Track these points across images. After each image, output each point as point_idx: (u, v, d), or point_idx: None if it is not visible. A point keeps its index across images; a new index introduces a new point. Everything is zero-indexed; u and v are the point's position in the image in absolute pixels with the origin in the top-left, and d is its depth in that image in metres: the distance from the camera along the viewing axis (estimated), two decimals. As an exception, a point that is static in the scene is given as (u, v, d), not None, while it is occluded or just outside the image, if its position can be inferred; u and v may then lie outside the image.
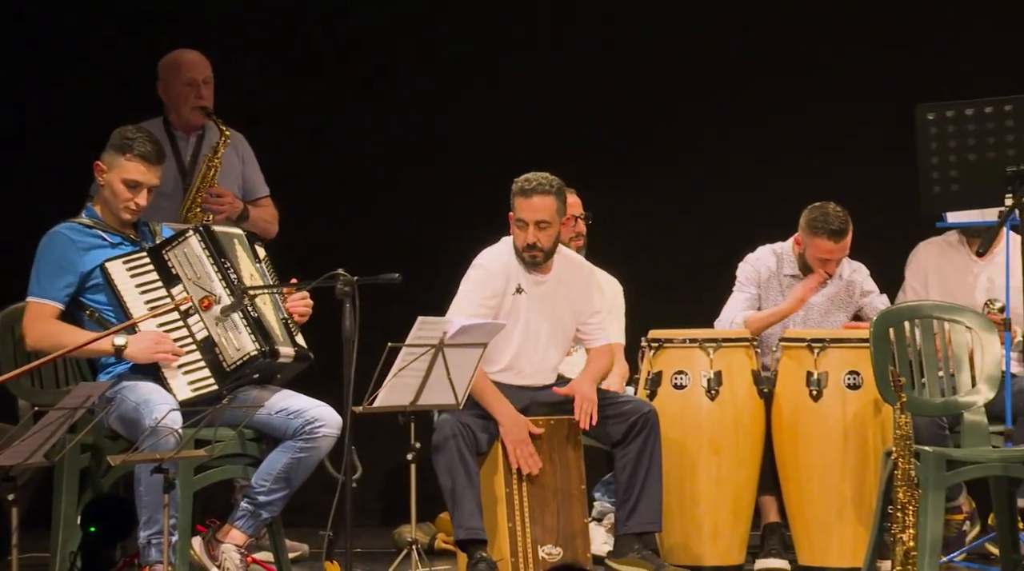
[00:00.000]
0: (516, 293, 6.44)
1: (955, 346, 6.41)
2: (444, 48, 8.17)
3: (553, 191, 6.40)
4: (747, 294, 7.07)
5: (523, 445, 6.31)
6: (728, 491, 6.66)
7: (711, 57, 8.05)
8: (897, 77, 7.70)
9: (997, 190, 5.37)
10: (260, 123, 7.34)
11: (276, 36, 8.11)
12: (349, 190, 8.14)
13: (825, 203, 6.94)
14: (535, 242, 6.39)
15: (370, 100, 8.17)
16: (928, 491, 6.03)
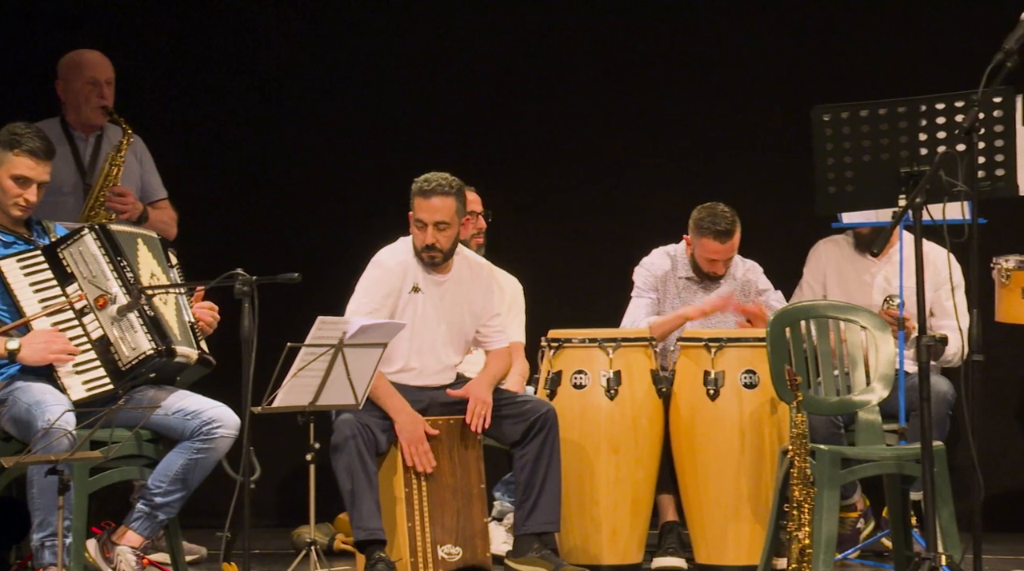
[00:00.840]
0: (412, 292, 6.43)
1: (850, 345, 6.47)
2: (341, 48, 8.14)
3: (453, 192, 6.40)
4: (647, 299, 7.12)
5: (418, 443, 6.30)
6: (627, 490, 6.69)
7: (611, 57, 8.08)
8: (794, 78, 7.76)
9: (891, 191, 5.41)
10: (155, 124, 7.29)
11: (171, 38, 8.05)
12: (248, 191, 8.10)
13: (714, 204, 6.99)
14: (434, 243, 6.39)
15: (268, 101, 8.13)
16: (823, 489, 6.08)
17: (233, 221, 7.97)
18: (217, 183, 7.98)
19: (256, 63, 8.15)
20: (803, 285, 7.21)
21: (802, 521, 6.11)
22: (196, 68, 8.06)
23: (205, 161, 7.96)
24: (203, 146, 8.03)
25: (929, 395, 5.18)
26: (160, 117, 7.62)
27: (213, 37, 8.10)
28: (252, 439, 5.70)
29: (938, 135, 5.42)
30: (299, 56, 8.15)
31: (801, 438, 6.16)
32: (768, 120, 7.74)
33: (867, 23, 7.78)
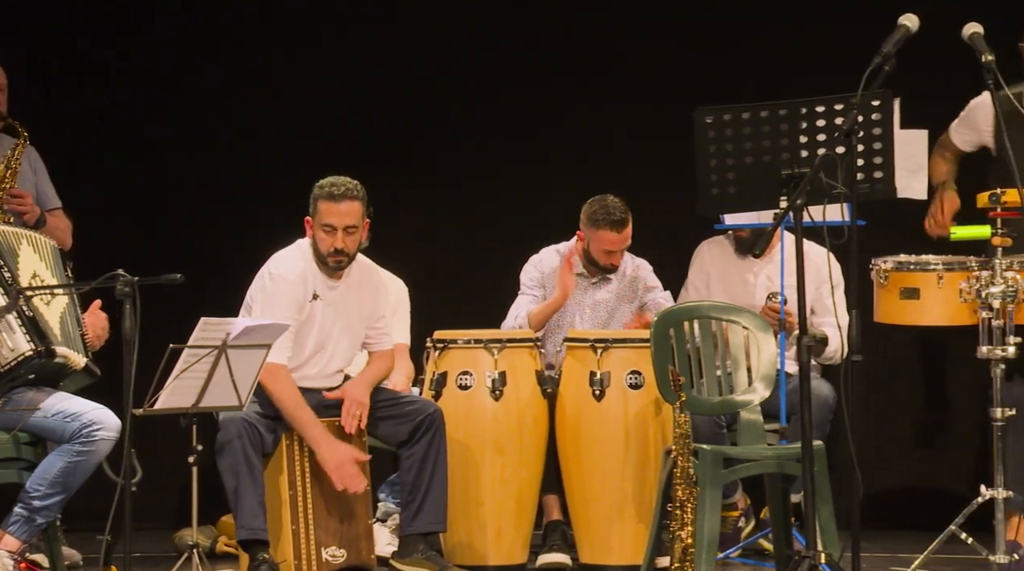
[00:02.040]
0: (313, 300, 6.41)
1: (732, 346, 6.53)
2: (225, 52, 8.09)
3: (360, 196, 6.41)
4: (531, 297, 7.15)
5: (343, 468, 6.28)
6: (512, 491, 6.70)
7: (495, 53, 8.08)
8: (678, 79, 7.81)
9: (773, 192, 5.45)
10: (38, 125, 7.20)
11: (58, 43, 7.97)
12: (132, 193, 8.03)
13: (604, 196, 7.06)
14: (342, 247, 6.37)
15: (153, 103, 8.07)
16: (706, 488, 6.13)
17: (117, 223, 7.89)
18: (101, 186, 7.90)
19: (142, 66, 8.07)
20: (688, 286, 7.27)
21: (685, 520, 6.15)
22: (83, 70, 7.98)
23: (89, 164, 7.88)
24: (88, 149, 7.95)
25: (809, 395, 5.22)
26: (43, 118, 7.52)
27: (100, 39, 8.03)
28: (133, 441, 5.65)
29: (818, 137, 5.47)
30: (184, 60, 8.09)
31: (684, 438, 6.20)
32: (652, 120, 7.78)
33: (749, 24, 7.84)
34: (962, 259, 6.22)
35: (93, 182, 7.81)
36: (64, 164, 7.00)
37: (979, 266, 6.16)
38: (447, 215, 8.08)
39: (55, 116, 7.78)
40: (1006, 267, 6.08)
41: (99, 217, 7.64)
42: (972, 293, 6.11)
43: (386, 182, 7.42)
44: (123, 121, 8.05)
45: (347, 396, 6.40)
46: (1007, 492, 6.13)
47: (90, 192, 7.62)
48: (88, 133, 8.00)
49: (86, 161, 7.87)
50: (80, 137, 7.94)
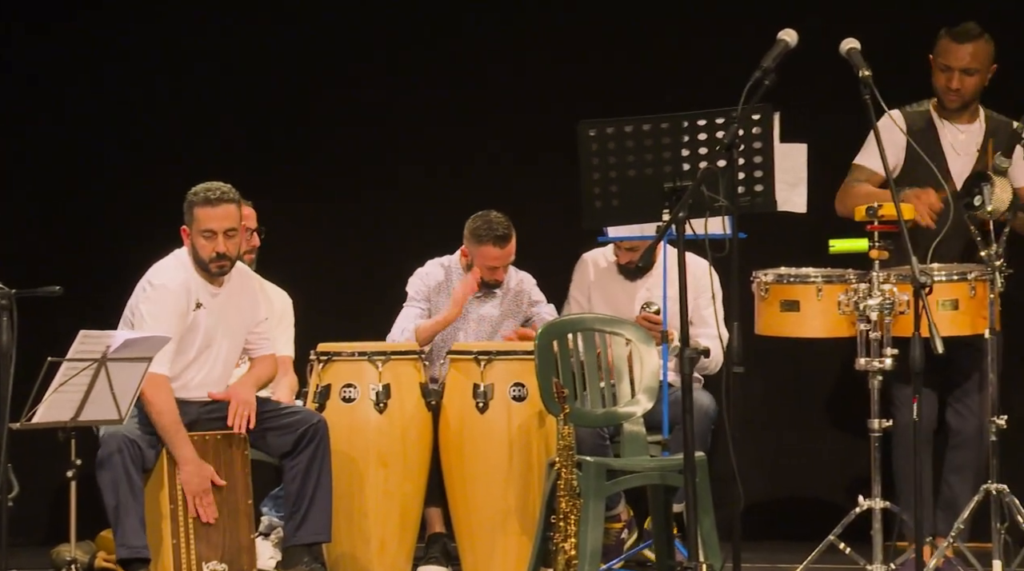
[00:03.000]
0: (196, 308, 6.36)
1: (615, 358, 6.56)
2: (107, 58, 8.01)
3: (236, 200, 6.39)
4: (417, 309, 7.15)
5: (203, 495, 6.23)
6: (395, 503, 6.69)
7: (382, 69, 8.07)
8: (561, 92, 7.83)
9: (655, 205, 5.49)
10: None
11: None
12: (8, 202, 7.92)
13: (487, 211, 7.08)
14: (224, 251, 6.33)
15: (29, 107, 7.97)
16: (589, 500, 6.15)
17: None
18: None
19: (20, 68, 7.97)
20: (570, 299, 7.30)
21: (568, 532, 6.17)
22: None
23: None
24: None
25: (692, 406, 5.26)
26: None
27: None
28: (10, 456, 5.57)
29: (700, 151, 5.51)
30: (63, 64, 7.99)
31: (568, 450, 6.22)
32: (536, 134, 7.80)
33: (632, 38, 7.89)
34: (840, 272, 6.30)
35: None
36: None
37: (857, 279, 6.24)
38: (331, 228, 8.04)
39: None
40: (883, 280, 6.16)
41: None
42: (850, 305, 6.19)
43: (270, 195, 7.38)
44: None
45: (233, 396, 6.36)
46: (884, 503, 6.21)
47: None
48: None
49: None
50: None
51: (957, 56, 6.63)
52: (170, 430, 6.22)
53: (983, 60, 6.65)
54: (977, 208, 6.28)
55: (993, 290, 6.26)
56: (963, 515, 6.33)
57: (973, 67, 6.64)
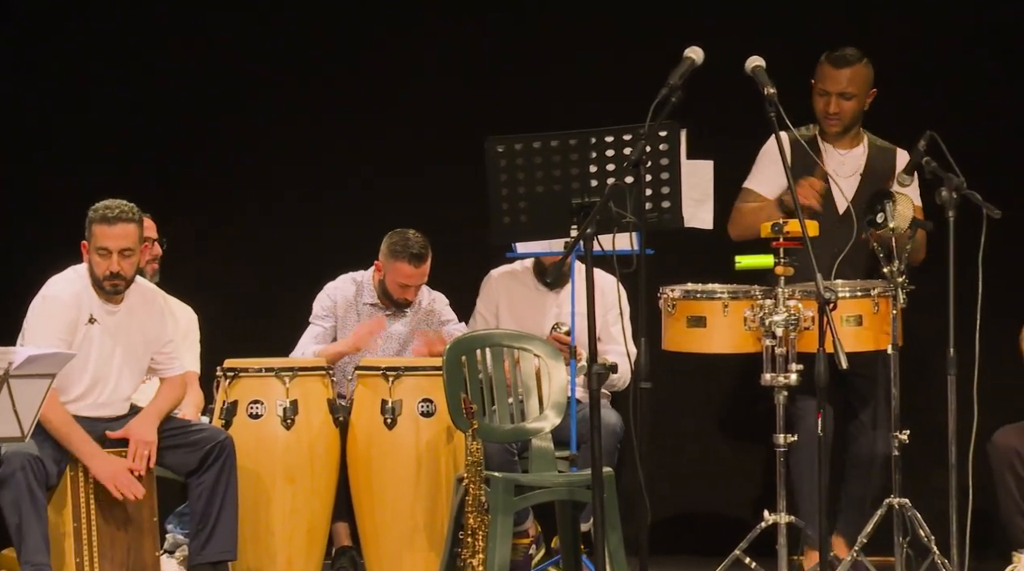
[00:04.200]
0: (89, 323, 6.30)
1: (524, 374, 6.57)
2: (3, 69, 7.94)
3: (135, 219, 6.33)
4: (321, 328, 7.13)
5: (120, 476, 6.17)
6: (303, 520, 6.65)
7: (288, 82, 8.04)
8: (471, 108, 7.85)
9: (563, 221, 5.51)
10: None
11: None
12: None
13: (405, 229, 7.08)
14: (118, 271, 6.28)
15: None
16: (497, 516, 6.16)
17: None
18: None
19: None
20: (476, 315, 7.30)
21: (476, 548, 6.17)
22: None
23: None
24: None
25: (599, 422, 5.28)
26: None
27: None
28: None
29: (608, 167, 5.54)
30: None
31: (476, 466, 6.22)
32: (445, 150, 7.81)
33: (540, 54, 7.91)
34: (746, 288, 6.35)
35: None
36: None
37: (763, 295, 6.29)
38: (238, 243, 8.00)
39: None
40: (789, 296, 6.22)
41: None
42: (756, 321, 6.24)
43: (176, 210, 7.34)
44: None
45: (132, 436, 6.30)
46: (789, 517, 6.26)
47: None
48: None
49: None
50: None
51: (834, 80, 6.71)
52: (63, 430, 6.14)
53: (860, 85, 6.73)
54: (880, 225, 6.36)
55: (895, 306, 6.33)
56: (867, 529, 6.40)
57: (850, 91, 6.72)
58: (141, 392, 6.63)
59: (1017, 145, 7.60)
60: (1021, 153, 7.59)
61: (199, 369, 7.04)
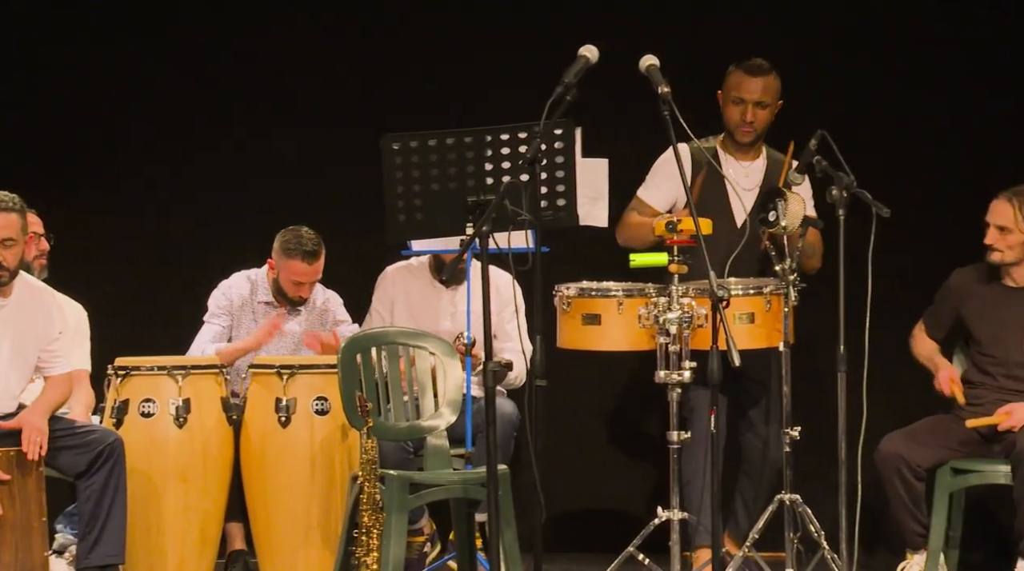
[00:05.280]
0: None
1: (419, 371, 6.56)
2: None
3: (16, 208, 6.26)
4: (217, 327, 7.09)
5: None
6: (195, 520, 6.61)
7: (183, 76, 7.97)
8: (365, 105, 7.83)
9: (459, 219, 5.51)
10: None
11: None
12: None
13: (298, 227, 7.06)
14: (1, 261, 6.20)
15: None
16: (392, 514, 6.15)
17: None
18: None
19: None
20: (372, 312, 7.28)
21: (371, 546, 6.16)
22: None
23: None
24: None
25: (495, 419, 5.29)
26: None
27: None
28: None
29: (503, 165, 5.55)
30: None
31: (371, 464, 6.21)
32: (340, 147, 7.78)
33: (437, 52, 7.91)
34: (641, 286, 6.39)
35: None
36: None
37: (657, 293, 6.33)
38: (129, 240, 7.92)
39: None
40: (682, 294, 6.26)
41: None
42: (650, 319, 6.28)
43: (64, 207, 7.26)
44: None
45: (24, 425, 6.23)
46: (682, 514, 6.30)
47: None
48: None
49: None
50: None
51: (750, 89, 6.75)
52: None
53: (773, 94, 6.79)
54: (772, 223, 6.41)
55: (787, 304, 6.39)
56: (758, 525, 6.46)
57: (765, 100, 6.77)
58: (28, 390, 6.56)
59: (906, 144, 7.70)
60: (910, 152, 7.69)
61: (90, 367, 6.96)
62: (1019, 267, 6.65)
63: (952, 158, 7.68)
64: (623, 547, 6.35)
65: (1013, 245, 6.59)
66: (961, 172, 7.62)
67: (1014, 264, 6.63)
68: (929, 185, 7.63)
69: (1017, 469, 6.39)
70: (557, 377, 5.68)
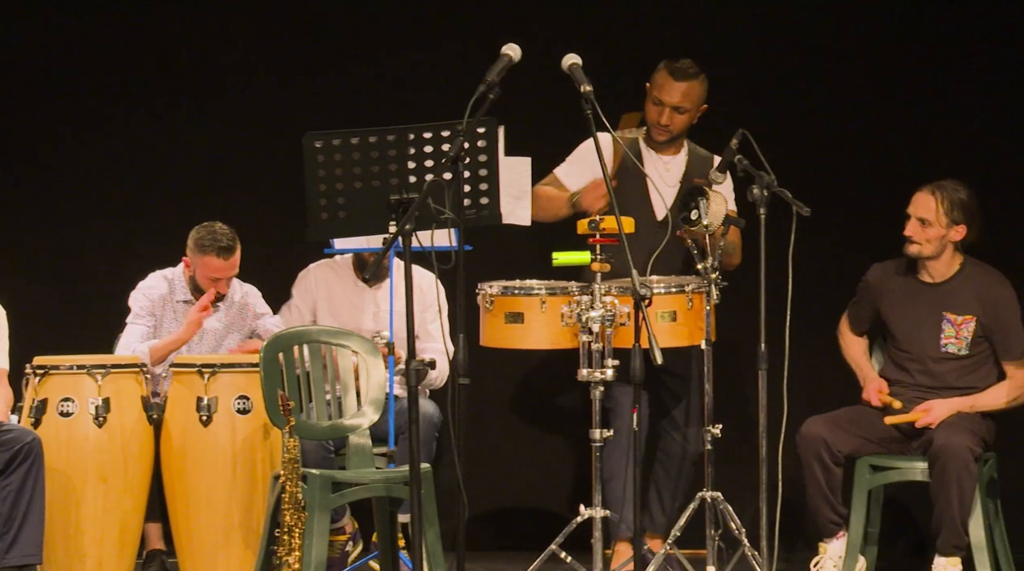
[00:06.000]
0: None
1: (341, 370, 6.55)
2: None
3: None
4: (143, 327, 7.04)
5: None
6: (115, 520, 6.57)
7: (98, 75, 7.91)
8: (285, 104, 7.79)
9: (382, 217, 5.50)
10: None
11: None
12: None
13: (212, 222, 7.01)
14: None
15: None
16: (314, 513, 6.13)
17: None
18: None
19: None
20: (292, 308, 7.25)
21: (292, 546, 6.14)
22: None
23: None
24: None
25: (417, 418, 5.28)
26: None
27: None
28: None
29: (426, 163, 5.55)
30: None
31: (293, 463, 6.19)
32: (264, 144, 7.75)
33: (358, 51, 7.89)
34: (564, 284, 6.40)
35: None
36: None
37: (580, 291, 6.35)
38: (46, 239, 7.85)
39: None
40: (605, 292, 6.28)
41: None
42: (573, 317, 6.29)
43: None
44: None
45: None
46: (604, 511, 6.32)
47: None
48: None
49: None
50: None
51: (670, 93, 6.75)
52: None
53: (695, 100, 6.80)
54: (694, 222, 6.45)
55: (709, 302, 6.43)
56: (680, 522, 6.49)
57: (685, 106, 6.78)
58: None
59: (825, 143, 7.76)
60: (829, 151, 7.75)
61: (8, 366, 6.89)
62: (936, 262, 6.71)
63: (870, 157, 7.75)
64: (546, 545, 6.36)
65: (932, 238, 6.64)
66: (880, 170, 7.69)
67: (931, 258, 6.69)
68: (848, 184, 7.69)
69: (934, 466, 6.46)
70: (480, 375, 5.69)
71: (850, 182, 7.70)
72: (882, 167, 7.69)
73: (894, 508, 7.10)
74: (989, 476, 6.61)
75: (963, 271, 6.72)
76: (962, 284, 6.70)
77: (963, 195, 6.63)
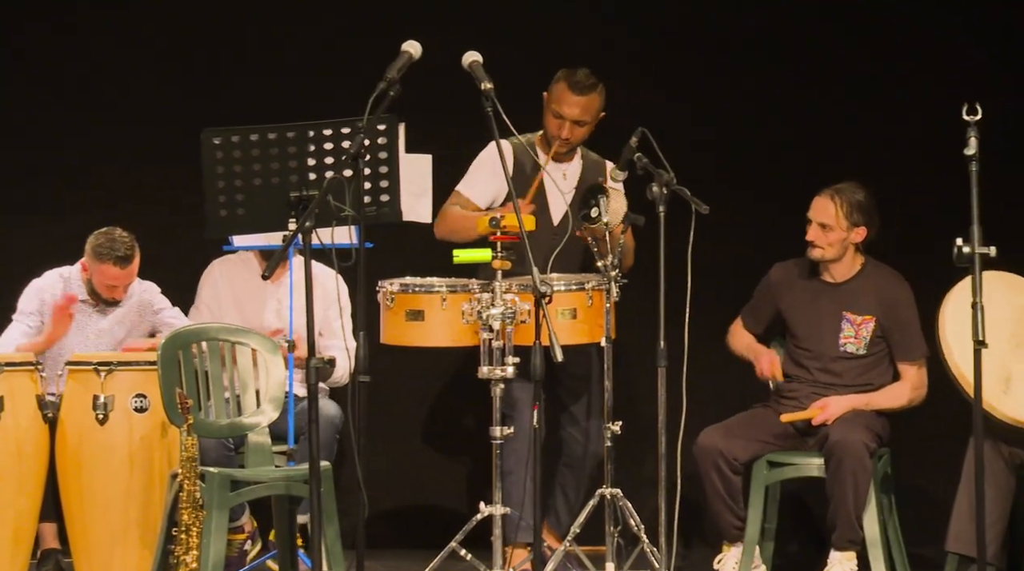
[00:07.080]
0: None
1: (241, 368, 6.51)
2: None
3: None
4: (24, 325, 6.97)
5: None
6: (8, 520, 6.49)
7: (37, 78, 7.81)
8: (183, 101, 7.73)
9: (282, 214, 5.48)
10: None
11: None
12: None
13: (112, 229, 6.94)
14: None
15: None
16: (212, 511, 6.09)
17: None
18: None
19: None
20: (200, 306, 7.20)
21: (190, 545, 6.10)
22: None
23: None
24: None
25: (317, 416, 5.27)
26: None
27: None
28: None
29: (326, 160, 5.53)
30: None
31: (191, 461, 6.15)
32: (161, 139, 7.68)
33: (254, 44, 7.84)
34: (464, 282, 6.40)
35: None
36: None
37: (480, 289, 6.35)
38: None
39: None
40: (505, 289, 6.29)
41: None
42: (474, 315, 6.29)
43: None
44: None
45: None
46: (505, 509, 6.33)
47: None
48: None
49: None
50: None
51: (570, 106, 6.75)
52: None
53: (594, 112, 6.81)
54: (594, 220, 6.47)
55: (609, 299, 6.45)
56: (579, 519, 6.51)
57: (584, 120, 6.79)
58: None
59: (724, 142, 7.81)
60: (728, 150, 7.80)
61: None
62: (839, 263, 6.78)
63: (769, 155, 7.80)
64: (446, 543, 6.36)
65: (834, 242, 6.71)
66: (778, 169, 7.75)
67: (834, 260, 6.76)
68: (746, 182, 7.75)
69: (830, 462, 6.52)
70: (380, 373, 5.68)
71: (748, 181, 7.75)
72: (781, 165, 7.75)
73: (791, 504, 7.16)
74: (883, 472, 6.68)
75: (864, 272, 6.79)
76: (863, 285, 6.78)
77: (861, 197, 6.71)
